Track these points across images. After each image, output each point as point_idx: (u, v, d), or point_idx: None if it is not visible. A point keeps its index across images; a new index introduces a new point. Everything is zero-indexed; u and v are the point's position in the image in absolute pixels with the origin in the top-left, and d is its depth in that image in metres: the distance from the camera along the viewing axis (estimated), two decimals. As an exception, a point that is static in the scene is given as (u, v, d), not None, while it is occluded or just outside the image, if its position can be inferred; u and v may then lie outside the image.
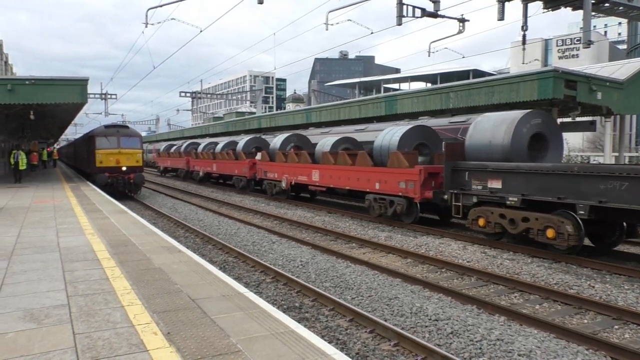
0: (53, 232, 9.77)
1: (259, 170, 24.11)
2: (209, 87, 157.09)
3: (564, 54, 62.12)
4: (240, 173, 26.59)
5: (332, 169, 18.09)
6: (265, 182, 23.57)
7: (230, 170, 28.13)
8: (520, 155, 12.10)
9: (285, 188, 21.27)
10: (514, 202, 11.11)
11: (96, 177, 22.76)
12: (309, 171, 19.58)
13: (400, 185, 14.63)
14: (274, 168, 22.59)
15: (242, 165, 26.41)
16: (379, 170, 15.77)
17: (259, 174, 24.18)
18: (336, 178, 17.87)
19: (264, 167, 23.60)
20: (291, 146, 23.03)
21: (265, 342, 4.15)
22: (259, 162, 24.19)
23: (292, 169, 20.88)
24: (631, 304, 7.56)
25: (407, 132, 15.98)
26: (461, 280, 9.26)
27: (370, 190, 15.90)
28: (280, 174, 21.85)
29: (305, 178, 19.76)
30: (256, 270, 9.98)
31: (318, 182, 18.97)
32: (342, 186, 17.76)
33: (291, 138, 23.46)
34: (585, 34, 16.38)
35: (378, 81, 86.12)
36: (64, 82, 19.67)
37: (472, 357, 5.72)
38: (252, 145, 27.87)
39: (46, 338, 4.24)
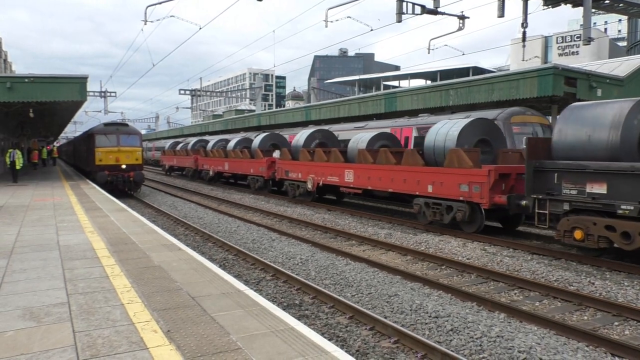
0: (53, 230, 9.77)
1: (279, 169, 21.89)
2: (209, 85, 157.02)
3: (564, 51, 62.07)
4: (257, 172, 24.50)
5: (371, 169, 15.88)
6: (287, 182, 21.32)
7: (244, 169, 25.96)
8: (630, 153, 9.90)
9: (311, 189, 19.12)
10: (628, 211, 9.09)
11: (96, 175, 22.75)
12: (341, 171, 17.41)
13: (462, 188, 12.57)
14: (297, 167, 20.30)
15: (258, 164, 24.29)
16: (433, 171, 13.56)
17: (279, 174, 21.94)
18: (376, 179, 15.70)
19: (286, 166, 21.30)
20: (316, 143, 20.87)
21: (265, 340, 4.15)
22: (279, 160, 22.06)
23: (320, 168, 18.65)
24: (631, 301, 7.56)
25: (467, 127, 13.72)
26: (461, 278, 9.26)
27: (421, 194, 13.83)
28: (305, 173, 19.56)
29: (337, 179, 17.65)
30: (256, 268, 9.99)
31: (352, 183, 16.81)
32: (383, 188, 15.50)
33: (316, 134, 21.17)
34: (585, 31, 16.35)
35: (378, 78, 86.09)
36: (63, 80, 19.66)
37: (472, 354, 5.72)
38: (269, 142, 25.83)
39: (46, 336, 4.24)
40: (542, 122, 16.35)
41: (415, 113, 21.26)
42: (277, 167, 22.23)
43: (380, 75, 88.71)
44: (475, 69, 67.18)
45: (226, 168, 28.66)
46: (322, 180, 18.58)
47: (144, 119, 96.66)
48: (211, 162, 31.22)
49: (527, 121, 15.91)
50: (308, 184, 19.27)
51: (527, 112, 16.14)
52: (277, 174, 22.21)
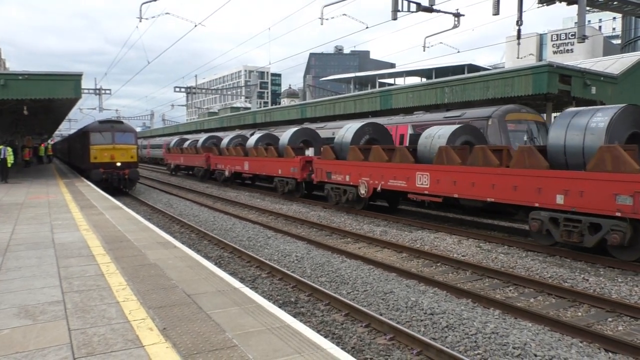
0: (47, 228, 9.73)
1: (318, 170, 18.33)
2: (204, 83, 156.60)
3: (559, 49, 62.27)
4: (287, 174, 20.97)
5: (460, 172, 12.53)
6: (329, 186, 17.84)
7: (270, 169, 22.42)
8: None
9: (365, 195, 15.84)
10: None
11: (90, 173, 22.68)
12: (411, 174, 14.08)
13: (620, 200, 9.23)
14: (345, 168, 16.82)
15: (289, 164, 20.80)
16: (568, 176, 10.14)
17: (318, 176, 18.41)
18: (466, 185, 12.34)
19: (328, 166, 17.74)
20: (366, 139, 17.66)
21: (261, 337, 4.16)
22: (318, 160, 18.68)
23: (378, 170, 15.25)
24: (625, 297, 7.62)
25: (617, 118, 10.29)
26: (456, 274, 9.30)
27: (544, 205, 10.52)
28: (355, 176, 16.25)
29: (403, 183, 14.38)
30: (252, 266, 9.99)
31: (428, 189, 13.55)
32: (476, 196, 12.16)
33: (366, 128, 17.67)
34: (580, 28, 16.41)
35: (373, 76, 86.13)
36: (57, 77, 19.55)
37: (467, 350, 5.75)
38: (300, 138, 22.74)
39: (41, 334, 4.23)
40: (536, 119, 16.40)
41: (410, 110, 21.28)
42: (315, 167, 18.60)
43: (376, 72, 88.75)
44: (471, 66, 67.32)
45: (246, 168, 25.19)
46: (380, 184, 15.15)
47: (139, 117, 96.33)
48: (227, 161, 27.72)
49: (522, 119, 15.96)
50: (361, 188, 15.79)
51: (522, 109, 16.19)
52: (315, 176, 18.56)
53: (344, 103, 25.90)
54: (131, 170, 23.52)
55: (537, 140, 15.83)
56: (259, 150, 23.83)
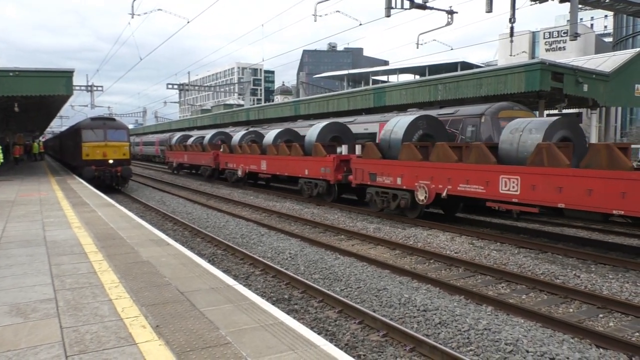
0: (39, 225, 9.67)
1: (358, 171, 15.69)
2: (197, 79, 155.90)
3: (551, 47, 62.54)
4: (316, 175, 18.17)
5: (570, 176, 10.04)
6: (373, 190, 15.28)
7: (294, 169, 19.77)
8: None
9: (424, 202, 13.17)
10: None
11: (82, 170, 22.53)
12: (492, 177, 11.48)
13: None
14: (396, 170, 14.09)
15: (319, 164, 17.88)
16: None
17: (358, 178, 15.75)
18: (580, 193, 9.82)
19: (371, 167, 14.98)
20: (419, 134, 14.90)
21: (254, 334, 4.16)
22: (358, 159, 15.77)
23: (444, 172, 12.74)
24: (615, 293, 7.68)
25: None
26: (449, 271, 9.33)
27: None
28: (410, 179, 13.63)
29: (480, 189, 11.73)
30: (245, 263, 9.98)
31: (518, 195, 11.04)
32: (603, 208, 9.54)
33: (419, 122, 14.85)
34: (572, 26, 16.49)
35: (366, 73, 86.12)
36: (49, 74, 19.42)
37: (460, 346, 5.78)
38: (330, 134, 19.50)
39: (33, 332, 4.21)
40: (529, 116, 16.44)
41: (404, 108, 21.31)
42: (353, 168, 16.17)
43: (369, 70, 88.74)
44: (464, 63, 67.45)
45: (263, 168, 22.61)
46: (446, 189, 12.66)
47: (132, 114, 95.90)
48: (240, 160, 25.08)
49: (515, 116, 16.01)
50: (419, 194, 13.27)
51: (514, 107, 16.24)
52: (355, 178, 16.12)
53: (338, 100, 25.90)
54: (123, 167, 23.40)
55: None
56: (280, 147, 21.02)
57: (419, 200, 13.40)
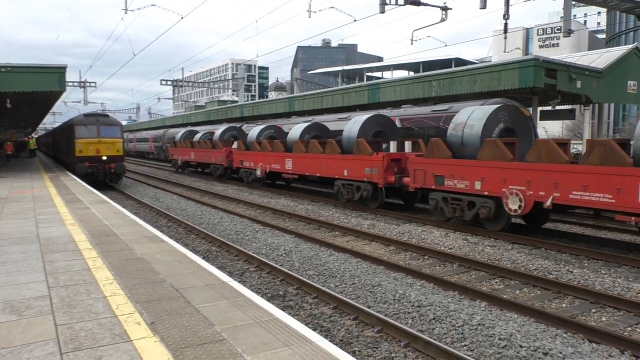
0: (32, 222, 9.62)
1: (419, 173, 13.44)
2: (191, 76, 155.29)
3: (545, 43, 62.76)
4: (358, 176, 15.89)
5: None
6: (438, 195, 12.91)
7: (328, 169, 17.49)
8: None
9: (520, 212, 10.87)
10: None
11: (76, 167, 22.42)
12: (628, 183, 9.06)
13: None
14: (473, 172, 11.91)
15: (364, 163, 15.57)
16: None
17: (419, 180, 13.48)
18: None
19: (438, 168, 12.83)
20: (500, 129, 12.68)
21: (249, 330, 4.17)
22: (418, 159, 13.59)
23: (547, 175, 10.35)
24: (608, 288, 7.74)
25: None
26: (443, 267, 9.37)
27: None
28: (494, 183, 11.41)
29: (609, 198, 9.36)
30: (240, 259, 9.98)
31: None
32: None
33: (500, 115, 12.68)
34: (566, 23, 16.54)
35: (361, 69, 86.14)
36: (41, 70, 19.29)
37: (454, 342, 5.81)
38: (373, 128, 17.26)
39: (27, 330, 4.19)
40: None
41: (398, 104, 21.33)
42: (412, 168, 13.65)
43: (364, 66, 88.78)
44: (458, 60, 67.61)
45: (288, 167, 20.12)
46: (551, 197, 10.21)
47: (125, 110, 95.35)
48: (259, 158, 22.58)
49: (509, 112, 16.06)
50: (510, 202, 10.92)
51: (508, 103, 16.29)
52: (413, 181, 13.63)
53: (332, 96, 25.88)
54: (117, 164, 23.31)
55: None
56: (312, 144, 18.53)
57: (510, 209, 10.98)
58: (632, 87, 19.84)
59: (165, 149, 48.89)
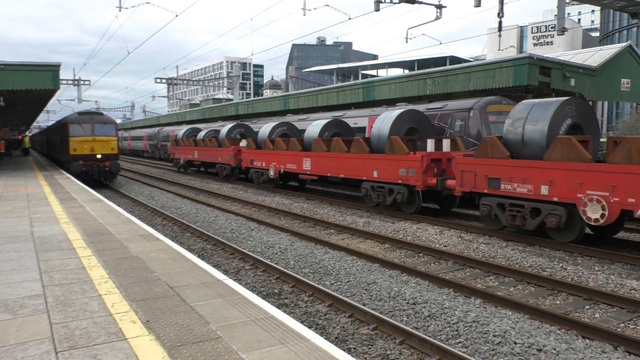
0: (26, 221, 9.58)
1: (468, 175, 11.96)
2: (185, 74, 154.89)
3: (539, 41, 62.96)
4: (391, 178, 14.35)
5: None
6: (492, 200, 11.41)
7: (354, 170, 15.88)
8: None
9: (602, 222, 9.35)
10: None
11: (70, 166, 22.34)
12: None
13: None
14: (539, 174, 10.37)
15: (398, 164, 14.07)
16: None
17: (467, 183, 11.94)
18: None
19: (494, 170, 11.30)
20: (567, 125, 11.06)
21: (245, 328, 4.17)
22: (467, 159, 12.08)
23: None
24: (601, 285, 7.79)
25: None
26: (438, 265, 9.40)
27: None
28: (567, 187, 9.93)
29: None
30: (235, 258, 9.98)
31: None
32: None
33: (567, 109, 11.04)
34: (560, 21, 16.60)
35: (356, 67, 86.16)
36: (35, 68, 19.17)
37: (449, 339, 5.84)
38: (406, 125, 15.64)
39: (22, 329, 4.18)
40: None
41: (393, 102, 21.36)
42: (459, 169, 12.15)
43: (358, 64, 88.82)
44: (452, 58, 67.70)
45: (306, 167, 18.48)
46: None
47: (119, 108, 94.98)
48: (272, 157, 21.03)
49: (503, 110, 16.13)
50: (589, 210, 9.47)
51: (502, 101, 16.35)
52: (462, 184, 12.06)
53: (327, 95, 25.88)
54: (112, 162, 23.24)
55: None
56: (335, 143, 16.94)
57: (590, 219, 9.50)
58: (626, 85, 19.95)
59: (159, 147, 48.72)
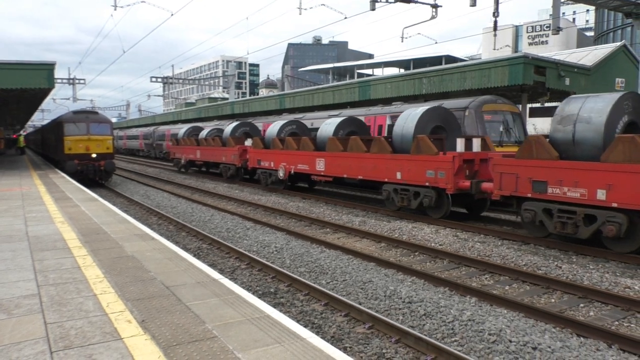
0: (21, 220, 9.54)
1: (508, 178, 11.00)
2: (181, 73, 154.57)
3: (534, 40, 63.15)
4: (417, 180, 13.35)
5: None
6: (536, 206, 10.52)
7: (375, 172, 14.80)
8: None
9: None
10: None
11: (65, 165, 22.26)
12: None
13: None
14: (602, 178, 9.35)
15: (426, 165, 13.06)
16: None
17: (508, 187, 10.99)
18: None
19: (540, 172, 10.36)
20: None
21: (241, 328, 4.17)
22: (511, 160, 11.04)
23: None
24: (596, 283, 7.83)
25: None
26: (434, 263, 9.42)
27: None
28: None
29: None
30: (231, 257, 9.97)
31: None
32: None
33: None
34: (555, 20, 16.66)
35: (351, 67, 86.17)
36: (30, 67, 19.09)
37: (444, 337, 5.85)
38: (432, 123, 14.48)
39: (17, 328, 4.17)
40: (512, 110, 16.62)
41: (388, 101, 21.39)
42: (498, 171, 11.15)
43: (354, 63, 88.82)
44: (448, 57, 67.80)
45: (320, 168, 17.35)
46: None
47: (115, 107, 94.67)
48: (281, 157, 19.92)
49: (498, 109, 16.18)
50: None
51: (498, 100, 16.39)
52: (500, 187, 11.14)
53: (323, 94, 25.87)
54: (107, 161, 23.17)
55: (512, 130, 16.08)
56: (353, 142, 15.89)
57: None
58: (620, 84, 20.04)
59: (155, 146, 48.55)
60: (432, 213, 13.34)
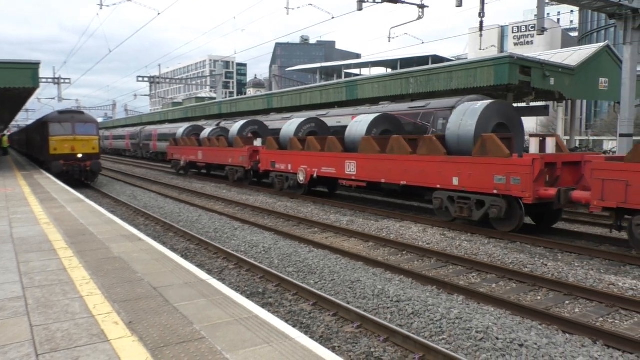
0: (5, 222, 9.42)
1: (611, 185, 9.20)
2: (168, 72, 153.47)
3: (520, 41, 63.78)
4: (485, 186, 11.35)
5: None
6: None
7: (423, 177, 13.05)
8: None
9: None
10: None
11: (50, 165, 22.00)
12: None
13: None
14: None
15: (502, 168, 10.98)
16: None
17: (611, 197, 9.25)
18: None
19: None
20: None
21: (229, 328, 4.16)
22: (619, 163, 9.33)
23: None
24: (581, 280, 7.93)
25: None
26: (421, 262, 9.48)
27: None
28: None
29: None
30: (219, 257, 9.93)
31: None
32: None
33: None
34: (539, 21, 16.83)
35: (339, 66, 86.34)
36: (14, 66, 18.83)
37: (432, 335, 5.89)
38: (495, 120, 12.64)
39: (1, 331, 4.12)
40: None
41: (376, 101, 21.44)
42: (599, 177, 9.46)
43: (342, 63, 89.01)
44: (435, 57, 68.24)
45: (350, 171, 15.56)
46: None
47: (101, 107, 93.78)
48: (300, 159, 17.98)
49: (485, 109, 16.25)
50: None
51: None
52: (604, 197, 9.42)
53: (310, 93, 25.88)
54: (93, 162, 22.93)
55: None
56: (394, 142, 14.00)
57: None
58: (604, 84, 20.31)
59: (142, 146, 48.15)
60: (499, 226, 11.33)
